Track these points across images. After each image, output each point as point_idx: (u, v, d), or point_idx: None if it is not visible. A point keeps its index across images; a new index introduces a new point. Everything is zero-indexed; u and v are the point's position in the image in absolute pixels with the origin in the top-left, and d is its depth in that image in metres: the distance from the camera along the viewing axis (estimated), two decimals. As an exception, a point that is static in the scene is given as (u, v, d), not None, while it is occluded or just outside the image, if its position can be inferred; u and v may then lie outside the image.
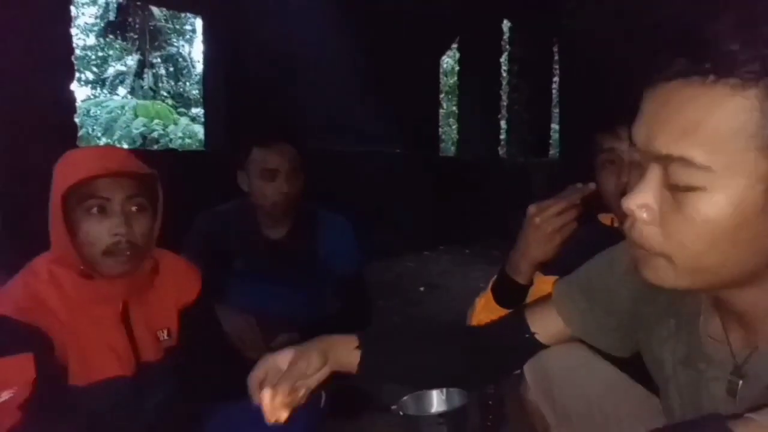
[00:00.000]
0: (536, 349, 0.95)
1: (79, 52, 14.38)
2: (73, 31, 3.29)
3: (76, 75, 3.41)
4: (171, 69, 16.34)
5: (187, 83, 16.66)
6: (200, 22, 5.31)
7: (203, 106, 5.47)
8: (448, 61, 12.22)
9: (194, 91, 16.12)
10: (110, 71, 16.41)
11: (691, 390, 0.77)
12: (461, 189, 5.83)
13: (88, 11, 16.21)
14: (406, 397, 1.60)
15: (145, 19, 15.01)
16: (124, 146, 11.54)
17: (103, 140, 13.07)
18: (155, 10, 14.68)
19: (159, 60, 16.05)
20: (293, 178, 1.83)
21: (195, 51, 16.68)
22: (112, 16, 15.15)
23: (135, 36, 15.32)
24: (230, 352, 1.46)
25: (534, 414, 0.99)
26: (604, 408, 0.91)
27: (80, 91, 15.68)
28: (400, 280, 4.18)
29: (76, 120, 3.31)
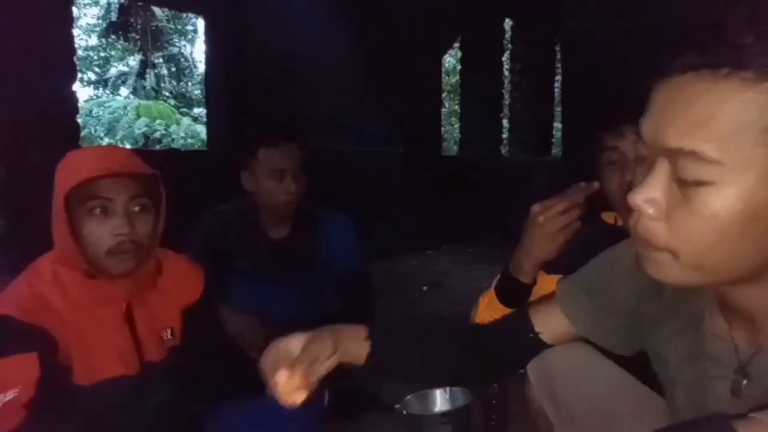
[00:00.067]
0: (540, 348, 0.94)
1: (81, 53, 14.39)
2: (75, 31, 3.29)
3: (79, 75, 3.42)
4: (173, 69, 16.35)
5: (189, 83, 16.66)
6: (202, 23, 5.31)
7: (205, 106, 5.48)
8: (450, 60, 12.21)
9: (196, 91, 16.13)
10: (112, 71, 16.41)
11: (696, 388, 0.76)
12: (463, 188, 5.83)
13: (90, 12, 16.21)
14: (409, 396, 1.60)
15: (146, 19, 15.01)
16: (127, 146, 11.55)
17: (105, 140, 13.09)
18: (157, 10, 14.69)
19: (161, 60, 16.06)
20: (299, 178, 1.85)
21: (197, 51, 16.69)
22: (114, 17, 15.15)
23: (137, 36, 15.32)
24: (232, 352, 1.46)
25: (537, 414, 0.99)
26: (608, 407, 0.91)
27: (82, 92, 15.72)
28: (402, 280, 4.18)
29: (79, 120, 3.32)
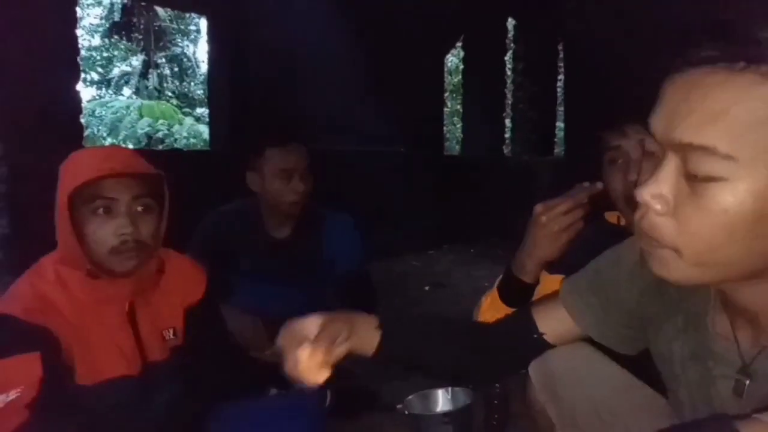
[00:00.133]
0: (543, 349, 0.94)
1: (84, 53, 14.42)
2: (78, 31, 3.30)
3: (81, 75, 3.42)
4: (176, 69, 16.38)
5: (192, 83, 16.68)
6: (205, 23, 5.31)
7: (208, 106, 5.48)
8: (453, 59, 12.20)
9: (199, 91, 16.15)
10: (115, 72, 16.43)
11: (700, 387, 0.76)
12: (466, 188, 5.82)
13: (93, 12, 16.24)
14: (411, 396, 1.60)
15: (149, 19, 15.04)
16: (129, 146, 11.58)
17: (108, 140, 13.10)
18: (160, 10, 14.71)
19: (164, 60, 16.09)
20: (306, 178, 1.85)
21: (200, 51, 16.73)
22: (117, 17, 15.18)
23: (140, 36, 15.35)
24: (235, 352, 1.46)
25: (539, 414, 0.99)
26: (610, 408, 0.91)
27: (85, 92, 15.76)
28: (404, 280, 4.17)
29: (82, 120, 3.32)
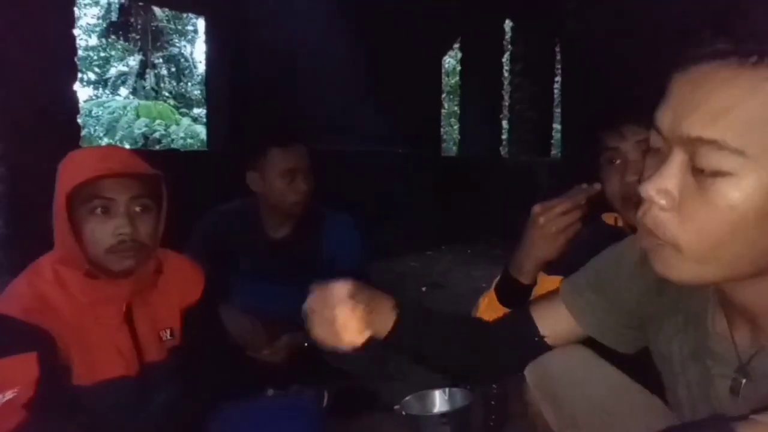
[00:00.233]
0: (544, 351, 0.94)
1: (81, 53, 14.35)
2: (75, 31, 3.29)
3: (78, 75, 3.41)
4: (173, 69, 16.34)
5: (189, 84, 16.64)
6: (202, 23, 5.31)
7: (206, 106, 5.48)
8: (450, 61, 12.21)
9: (196, 92, 16.11)
10: (112, 72, 16.39)
11: (699, 386, 0.76)
12: (463, 189, 5.83)
13: (90, 12, 16.18)
14: (409, 396, 1.60)
15: (147, 19, 15.01)
16: (126, 146, 11.54)
17: (105, 141, 13.07)
18: (157, 10, 14.68)
19: (161, 60, 16.05)
20: (309, 177, 1.86)
21: (197, 51, 16.66)
22: (114, 17, 15.14)
23: (137, 36, 15.31)
24: (233, 353, 1.46)
25: (536, 417, 0.99)
26: (608, 409, 0.91)
27: (82, 92, 15.68)
28: (402, 280, 4.17)
29: (79, 120, 3.32)
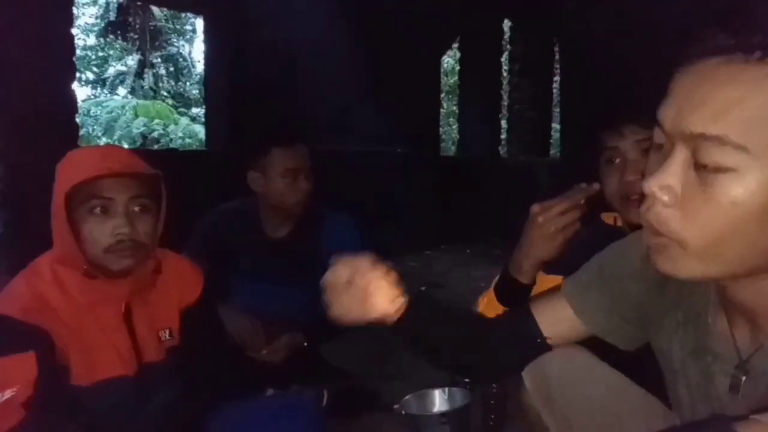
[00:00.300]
0: (545, 352, 0.93)
1: (79, 52, 14.33)
2: (73, 31, 3.28)
3: (77, 75, 3.41)
4: (171, 69, 16.31)
5: (188, 83, 16.62)
6: (201, 22, 5.30)
7: (204, 106, 5.47)
8: (449, 60, 12.21)
9: (194, 91, 16.09)
10: (110, 71, 16.37)
11: (699, 383, 0.76)
12: (463, 188, 5.83)
13: (88, 11, 16.15)
14: (408, 396, 1.61)
15: (145, 19, 14.98)
16: (125, 146, 11.53)
17: (103, 140, 13.05)
18: (156, 10, 14.66)
19: (159, 60, 16.02)
20: (310, 177, 1.86)
21: (195, 51, 16.64)
22: (112, 16, 15.12)
23: (135, 36, 15.28)
24: (233, 353, 1.46)
25: (534, 419, 0.98)
26: (606, 410, 0.90)
27: (81, 91, 15.66)
28: (401, 280, 4.17)
29: (77, 120, 3.31)
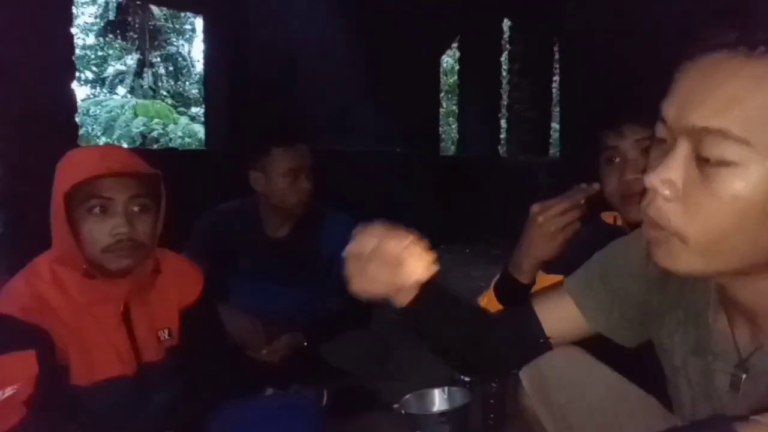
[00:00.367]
0: (545, 351, 0.92)
1: (78, 52, 14.26)
2: (73, 30, 3.28)
3: (76, 74, 3.40)
4: (171, 68, 16.29)
5: (187, 82, 16.61)
6: (200, 22, 5.30)
7: (204, 105, 5.47)
8: (448, 60, 12.20)
9: (194, 91, 16.09)
10: (110, 70, 16.35)
11: (700, 381, 0.76)
12: (462, 188, 5.83)
13: (87, 10, 16.12)
14: (408, 395, 1.61)
15: (144, 18, 14.97)
16: (124, 145, 11.52)
17: (102, 139, 13.03)
18: (155, 9, 14.65)
19: (159, 59, 16.01)
20: (311, 177, 1.87)
21: (195, 50, 16.63)
22: (111, 16, 15.11)
23: (135, 35, 15.27)
24: (233, 352, 1.46)
25: (532, 420, 0.98)
26: (605, 410, 0.90)
27: (80, 91, 15.60)
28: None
29: (77, 119, 3.30)
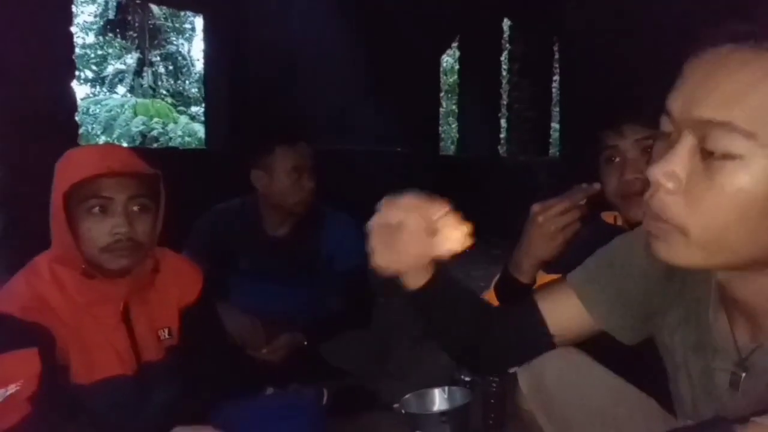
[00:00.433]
0: (550, 349, 0.91)
1: (78, 51, 14.26)
2: (72, 29, 3.27)
3: (76, 73, 3.40)
4: (170, 67, 16.29)
5: (187, 82, 16.61)
6: (200, 21, 5.29)
7: (204, 104, 5.47)
8: (448, 59, 12.20)
9: (193, 90, 16.09)
10: (110, 69, 16.34)
11: (700, 379, 0.76)
12: (462, 188, 5.81)
13: (87, 9, 16.11)
14: (408, 395, 1.61)
15: (144, 17, 14.96)
16: (124, 144, 11.52)
17: (102, 138, 13.02)
18: (155, 8, 14.64)
19: (158, 58, 16.00)
20: (313, 175, 1.87)
21: (194, 49, 16.63)
22: (111, 15, 15.11)
23: (134, 34, 15.26)
24: (232, 352, 1.46)
25: (530, 423, 0.98)
26: (603, 413, 0.90)
27: (79, 90, 15.61)
28: (400, 279, 4.16)
29: (77, 118, 3.30)
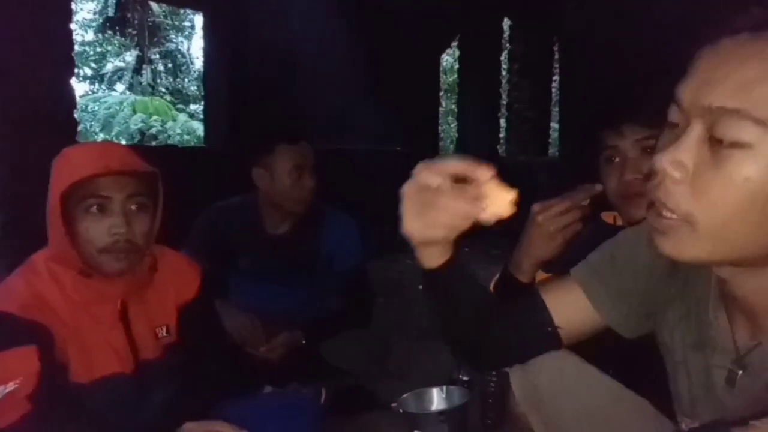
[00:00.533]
0: (554, 343, 0.89)
1: (77, 48, 14.22)
2: (72, 26, 3.27)
3: (75, 71, 3.39)
4: (169, 65, 16.27)
5: (186, 79, 16.59)
6: (199, 19, 5.29)
7: (203, 102, 5.46)
8: (448, 59, 12.20)
9: (193, 88, 16.07)
10: (108, 67, 16.31)
11: (699, 376, 0.76)
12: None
13: (86, 7, 16.08)
14: (407, 394, 1.61)
15: (143, 15, 14.95)
16: (122, 142, 11.51)
17: (101, 136, 13.00)
18: (154, 6, 14.64)
19: (157, 56, 15.98)
20: (314, 174, 1.87)
21: (194, 47, 16.61)
22: (110, 12, 15.09)
23: (134, 32, 15.25)
24: (231, 350, 1.46)
25: (523, 427, 0.98)
26: (598, 416, 0.90)
27: (78, 87, 15.58)
28: (400, 278, 4.17)
29: (75, 116, 3.30)
